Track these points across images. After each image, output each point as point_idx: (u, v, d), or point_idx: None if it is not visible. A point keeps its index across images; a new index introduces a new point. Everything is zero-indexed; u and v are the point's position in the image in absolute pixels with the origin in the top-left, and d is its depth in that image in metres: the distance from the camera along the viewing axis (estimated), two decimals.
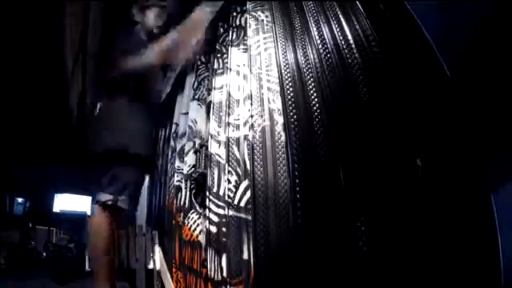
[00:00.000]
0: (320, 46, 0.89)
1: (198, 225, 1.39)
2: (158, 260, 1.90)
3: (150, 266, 1.92)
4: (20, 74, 2.82)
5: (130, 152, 1.39)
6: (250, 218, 0.94)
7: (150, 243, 2.03)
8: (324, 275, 0.70)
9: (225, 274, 1.01)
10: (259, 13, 1.19)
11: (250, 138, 0.98)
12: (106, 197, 1.29)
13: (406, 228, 0.61)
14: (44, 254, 5.23)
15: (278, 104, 0.95)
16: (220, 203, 1.15)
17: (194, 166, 1.51)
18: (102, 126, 1.55)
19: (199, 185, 1.37)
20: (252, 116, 1.00)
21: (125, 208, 1.35)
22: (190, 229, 1.42)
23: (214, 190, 1.20)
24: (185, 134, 1.75)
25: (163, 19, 1.68)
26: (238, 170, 1.09)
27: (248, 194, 1.00)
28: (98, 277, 1.34)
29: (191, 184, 1.49)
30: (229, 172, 1.10)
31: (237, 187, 1.06)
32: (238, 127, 1.15)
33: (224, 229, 1.07)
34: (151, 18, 1.66)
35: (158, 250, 1.94)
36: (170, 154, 2.01)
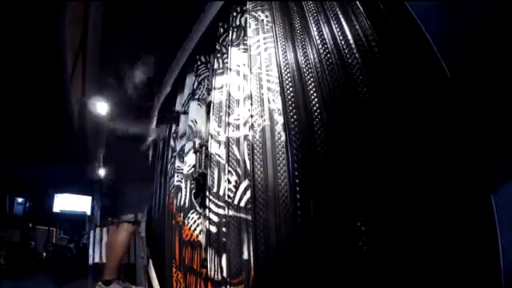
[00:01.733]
0: (320, 46, 0.89)
1: (198, 225, 1.39)
2: (145, 258, 2.10)
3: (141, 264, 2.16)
4: (20, 75, 2.82)
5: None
6: (249, 218, 0.94)
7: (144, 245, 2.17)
8: (324, 275, 0.70)
9: (225, 274, 1.01)
10: (259, 13, 1.19)
11: (250, 137, 0.98)
12: (128, 216, 1.57)
13: (406, 228, 0.61)
14: (44, 254, 5.23)
15: (278, 104, 0.95)
16: (220, 203, 1.15)
17: (194, 166, 1.51)
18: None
19: (199, 185, 1.37)
20: (252, 116, 1.00)
21: (141, 222, 1.61)
22: (190, 229, 1.42)
23: (214, 189, 1.20)
24: (185, 134, 1.75)
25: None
26: (238, 169, 1.09)
27: (248, 193, 1.00)
28: (109, 270, 1.59)
29: (191, 184, 1.49)
30: (229, 172, 1.10)
31: (237, 187, 1.06)
32: (238, 127, 1.15)
33: (224, 229, 1.07)
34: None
35: (146, 250, 2.15)
36: (170, 154, 2.01)
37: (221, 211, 1.13)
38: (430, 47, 0.65)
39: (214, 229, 1.15)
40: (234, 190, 1.07)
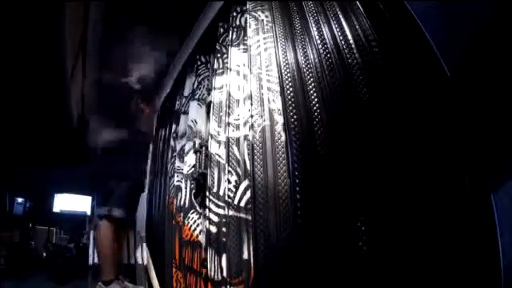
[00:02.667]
0: (320, 46, 0.89)
1: (198, 225, 1.39)
2: (145, 258, 2.07)
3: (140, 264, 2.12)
4: (20, 74, 2.82)
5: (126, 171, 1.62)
6: (250, 218, 0.94)
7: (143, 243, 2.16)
8: (324, 275, 0.70)
9: (225, 274, 1.01)
10: (259, 13, 1.19)
11: (250, 137, 0.98)
12: (102, 210, 1.53)
13: (406, 228, 0.61)
14: (44, 253, 5.24)
15: (278, 104, 0.95)
16: (220, 203, 1.15)
17: (194, 166, 1.51)
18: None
19: (199, 185, 1.37)
20: (252, 116, 1.00)
21: (121, 217, 1.56)
22: (189, 229, 1.42)
23: (214, 189, 1.20)
24: (185, 134, 1.75)
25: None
26: (238, 169, 1.09)
27: (248, 194, 1.00)
28: (104, 271, 1.56)
29: (191, 184, 1.49)
30: (229, 172, 1.10)
31: (237, 187, 1.06)
32: (237, 127, 1.15)
33: (224, 229, 1.07)
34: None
35: (145, 249, 2.12)
36: (170, 154, 2.01)
37: (221, 211, 1.13)
38: (429, 47, 0.65)
39: (213, 229, 1.15)
40: (234, 189, 1.07)
